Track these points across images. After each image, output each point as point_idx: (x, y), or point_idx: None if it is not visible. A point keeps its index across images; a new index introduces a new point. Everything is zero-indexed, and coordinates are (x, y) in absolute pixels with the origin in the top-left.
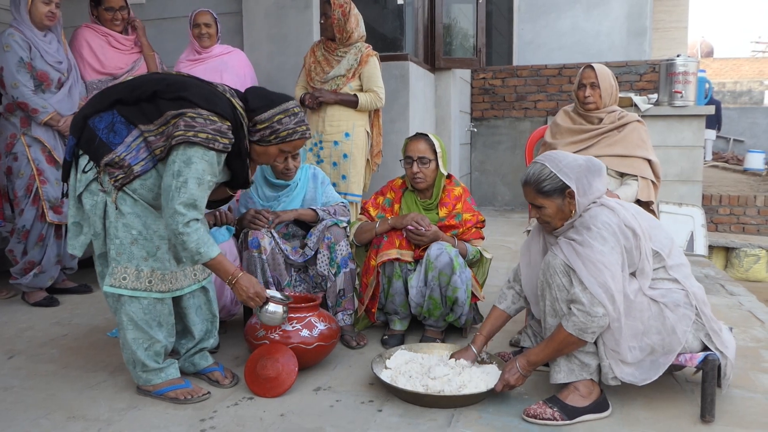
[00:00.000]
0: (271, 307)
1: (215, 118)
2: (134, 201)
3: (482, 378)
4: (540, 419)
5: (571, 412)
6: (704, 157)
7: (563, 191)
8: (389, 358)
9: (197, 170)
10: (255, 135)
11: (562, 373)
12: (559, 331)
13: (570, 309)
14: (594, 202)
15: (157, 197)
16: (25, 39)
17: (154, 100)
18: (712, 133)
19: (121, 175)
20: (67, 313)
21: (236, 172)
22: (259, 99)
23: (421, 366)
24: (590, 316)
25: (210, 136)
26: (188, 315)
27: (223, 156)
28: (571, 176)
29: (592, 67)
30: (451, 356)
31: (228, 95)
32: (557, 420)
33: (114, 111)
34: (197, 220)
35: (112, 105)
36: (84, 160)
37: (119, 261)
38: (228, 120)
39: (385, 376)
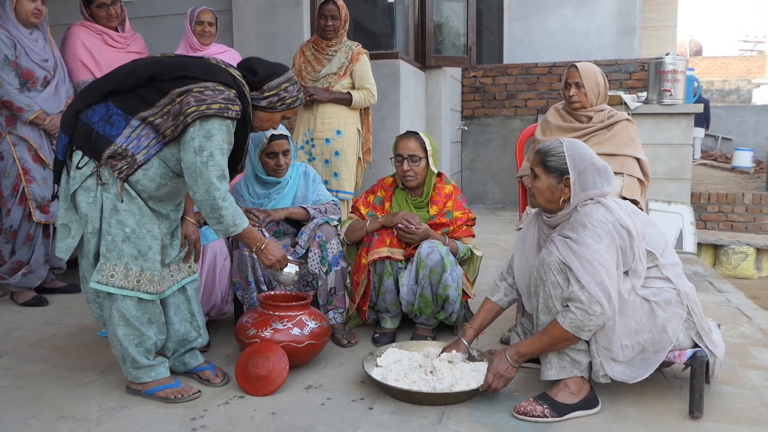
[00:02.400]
0: (287, 268)
1: (222, 88)
2: (131, 198)
3: (473, 375)
4: (530, 416)
5: (560, 409)
6: (693, 155)
7: (562, 175)
8: (380, 356)
9: (218, 141)
10: (263, 101)
11: (554, 369)
12: (555, 327)
13: (567, 306)
14: (591, 199)
15: (160, 187)
16: (10, 37)
17: (153, 84)
18: (701, 132)
19: (125, 167)
20: (56, 313)
21: (239, 141)
22: (265, 67)
23: (410, 362)
24: (588, 315)
25: (222, 105)
26: (166, 314)
27: (235, 123)
28: (576, 166)
29: (576, 67)
30: (442, 352)
31: (223, 66)
32: (547, 417)
33: (108, 102)
34: (227, 192)
35: (105, 97)
36: (77, 157)
37: (108, 258)
38: (233, 88)
39: (376, 374)
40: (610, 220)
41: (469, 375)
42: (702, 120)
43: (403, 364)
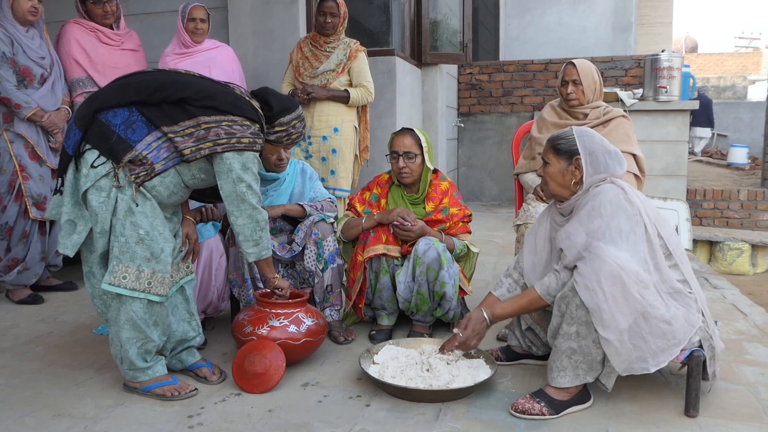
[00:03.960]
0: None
1: (248, 123)
2: (144, 200)
3: (469, 372)
4: (528, 414)
5: (557, 406)
6: (696, 154)
7: (571, 157)
8: (377, 353)
9: (254, 172)
10: (271, 135)
11: (567, 378)
12: (532, 291)
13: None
14: (603, 180)
15: (171, 195)
16: (8, 34)
17: (181, 105)
18: (706, 131)
19: (143, 173)
20: (52, 311)
21: None
22: (279, 102)
23: (407, 359)
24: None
25: (251, 140)
26: None
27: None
28: (586, 147)
29: (573, 64)
30: (440, 349)
31: (247, 97)
32: (545, 415)
33: (133, 108)
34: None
35: (131, 104)
36: (92, 155)
37: (121, 259)
38: (257, 123)
39: (373, 371)
40: (622, 198)
41: (465, 372)
42: (706, 120)
43: (400, 361)
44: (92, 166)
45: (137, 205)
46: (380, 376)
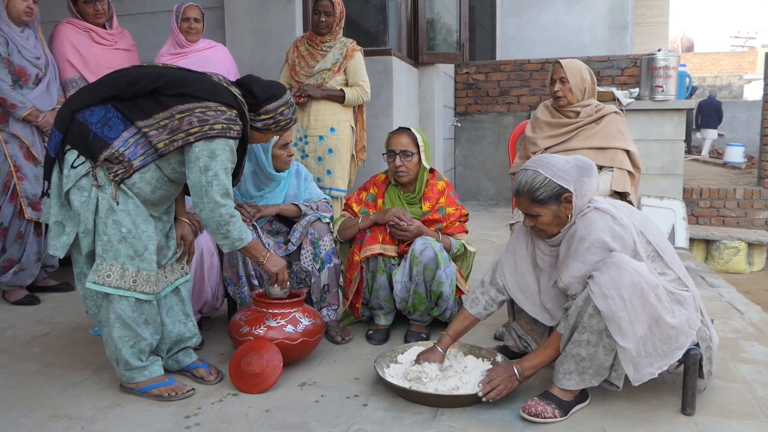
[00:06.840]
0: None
1: (224, 108)
2: (126, 198)
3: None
4: (542, 418)
5: (566, 408)
6: (702, 154)
7: (559, 197)
8: (402, 353)
9: (223, 161)
10: (258, 123)
11: (573, 381)
12: (557, 335)
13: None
14: (588, 206)
15: (155, 190)
16: (2, 34)
17: (154, 96)
18: (713, 133)
19: (120, 170)
20: (48, 312)
21: (237, 158)
22: (263, 90)
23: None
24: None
25: (225, 125)
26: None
27: (237, 142)
28: (568, 179)
29: (560, 63)
30: (417, 360)
31: (225, 84)
32: (557, 417)
33: (108, 105)
34: (233, 208)
35: (105, 100)
36: (72, 156)
37: (105, 258)
38: (234, 108)
39: (391, 370)
40: (614, 225)
41: (476, 380)
42: (716, 122)
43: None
44: (72, 167)
45: (118, 204)
46: (400, 376)
